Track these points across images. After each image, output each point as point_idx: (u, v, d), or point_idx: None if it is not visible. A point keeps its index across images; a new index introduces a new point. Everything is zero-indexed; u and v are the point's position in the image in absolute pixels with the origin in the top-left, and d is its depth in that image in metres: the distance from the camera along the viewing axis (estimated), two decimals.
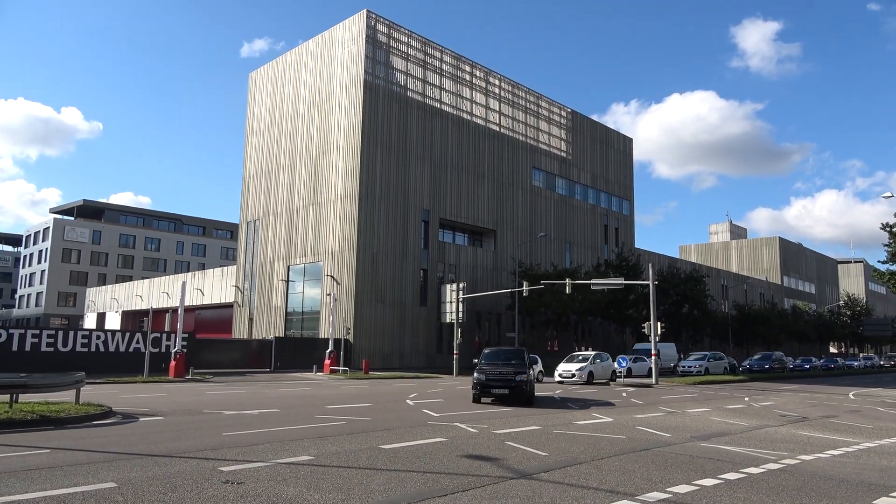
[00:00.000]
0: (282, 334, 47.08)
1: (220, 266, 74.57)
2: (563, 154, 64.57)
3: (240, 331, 52.98)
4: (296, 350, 41.52)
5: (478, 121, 55.85)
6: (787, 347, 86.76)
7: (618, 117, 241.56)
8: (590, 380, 32.24)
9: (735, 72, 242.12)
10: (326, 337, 40.82)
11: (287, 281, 49.91)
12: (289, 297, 49.87)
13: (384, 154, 47.22)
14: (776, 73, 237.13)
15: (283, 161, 52.23)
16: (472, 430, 13.85)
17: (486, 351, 22.29)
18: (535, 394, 22.41)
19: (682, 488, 8.57)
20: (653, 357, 35.16)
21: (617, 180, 71.05)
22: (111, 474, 8.69)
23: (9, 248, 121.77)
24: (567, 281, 39.88)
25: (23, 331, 30.19)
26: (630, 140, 74.15)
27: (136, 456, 10.13)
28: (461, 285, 44.46)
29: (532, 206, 59.76)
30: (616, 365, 34.28)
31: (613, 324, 61.12)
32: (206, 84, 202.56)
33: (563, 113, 65.33)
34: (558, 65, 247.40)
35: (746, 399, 25.02)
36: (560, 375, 32.47)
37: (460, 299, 43.54)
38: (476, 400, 20.36)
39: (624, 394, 26.48)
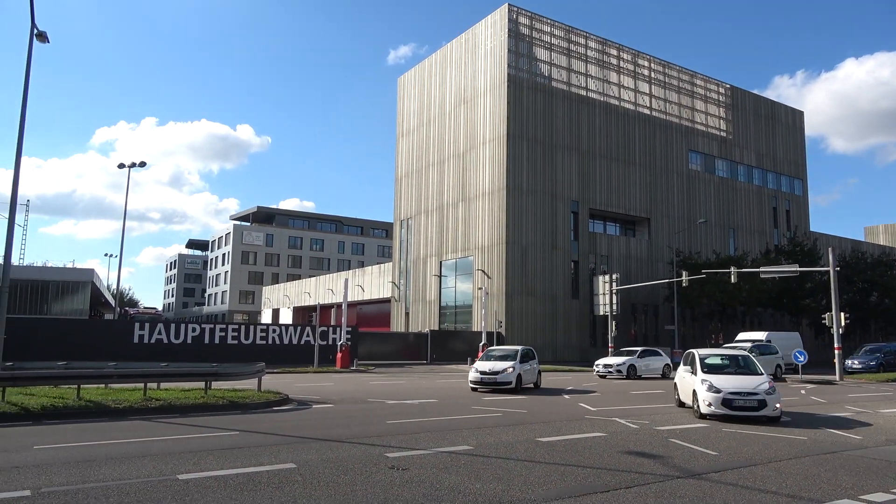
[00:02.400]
0: (436, 328, 48.51)
1: (378, 263, 78.37)
2: (723, 134, 60.24)
3: (397, 324, 55.38)
4: (450, 343, 42.62)
5: (627, 106, 53.76)
6: None
7: (782, 91, 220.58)
8: (630, 374, 29.97)
9: None
10: (479, 330, 41.47)
11: (439, 276, 51.36)
12: (442, 291, 51.29)
13: (530, 147, 46.97)
14: None
15: (433, 160, 53.76)
16: (632, 425, 13.38)
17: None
18: None
19: (879, 496, 7.65)
20: (836, 350, 31.76)
21: (786, 158, 64.96)
22: (290, 456, 9.46)
23: (198, 253, 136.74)
24: (732, 269, 37.21)
25: (212, 326, 33.79)
26: (800, 113, 67.43)
27: (311, 440, 10.90)
28: (614, 276, 43.11)
29: (689, 191, 56.43)
30: (793, 359, 31.28)
31: (787, 315, 56.05)
32: (359, 93, 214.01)
33: (721, 90, 60.91)
34: (711, 40, 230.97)
35: None
36: (602, 368, 30.87)
37: (614, 291, 42.24)
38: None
39: (802, 391, 24.19)
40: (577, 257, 48.67)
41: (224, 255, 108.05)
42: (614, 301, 42.38)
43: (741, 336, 37.04)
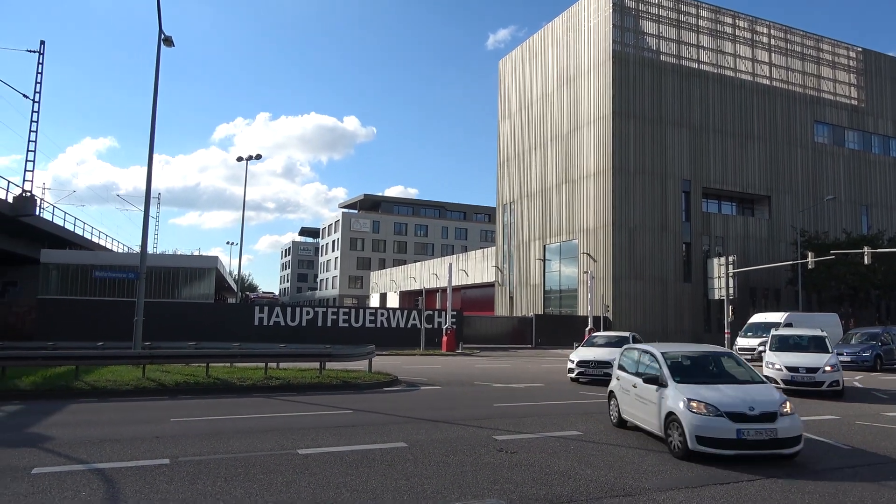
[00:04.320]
0: (541, 312, 48.01)
1: (481, 248, 78.52)
2: (854, 102, 55.14)
3: (501, 308, 55.36)
4: (555, 327, 42.01)
5: (743, 77, 50.40)
6: None
7: None
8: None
9: None
10: (585, 315, 40.68)
11: (543, 260, 50.76)
12: (546, 275, 50.68)
13: (638, 125, 45.20)
14: None
15: (535, 142, 53.02)
16: None
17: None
18: None
19: None
20: None
21: None
22: (401, 435, 9.73)
23: (310, 240, 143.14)
24: (865, 249, 34.16)
25: (324, 309, 35.28)
26: None
27: (421, 420, 11.16)
28: (730, 259, 40.81)
29: (814, 165, 52.25)
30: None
31: None
32: (459, 79, 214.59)
33: (852, 54, 55.69)
34: (838, 1, 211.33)
35: None
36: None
37: (730, 274, 40.02)
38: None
39: None
40: (689, 239, 46.46)
41: (334, 241, 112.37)
42: (731, 284, 40.15)
43: (757, 318, 32.20)
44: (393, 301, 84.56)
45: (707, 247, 47.00)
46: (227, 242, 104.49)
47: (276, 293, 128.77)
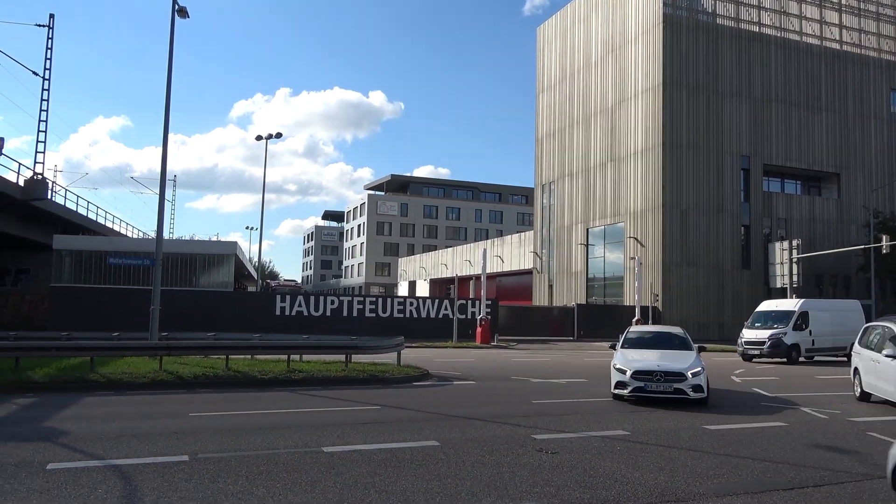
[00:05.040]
0: (583, 301, 47.67)
1: (517, 232, 78.18)
2: None
3: (540, 297, 55.20)
4: (599, 318, 41.71)
5: (811, 41, 48.95)
6: None
7: None
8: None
9: None
10: (632, 305, 40.28)
11: (586, 245, 50.34)
12: (589, 261, 50.26)
13: (691, 96, 44.30)
14: None
15: (577, 117, 52.41)
16: (819, 415, 12.43)
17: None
18: None
19: None
20: None
21: None
22: (433, 433, 9.79)
23: (334, 224, 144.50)
24: None
25: (350, 298, 35.69)
26: None
27: (454, 418, 11.22)
28: (794, 243, 39.92)
29: (890, 139, 50.60)
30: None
31: None
32: (493, 49, 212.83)
33: None
34: None
35: None
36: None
37: (794, 260, 39.16)
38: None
39: None
40: (748, 221, 45.55)
41: (359, 225, 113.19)
42: (795, 271, 39.29)
43: (766, 306, 29.93)
44: (423, 289, 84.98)
45: (768, 230, 46.02)
46: (247, 227, 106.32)
47: (299, 281, 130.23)
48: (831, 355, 27.12)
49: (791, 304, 28.79)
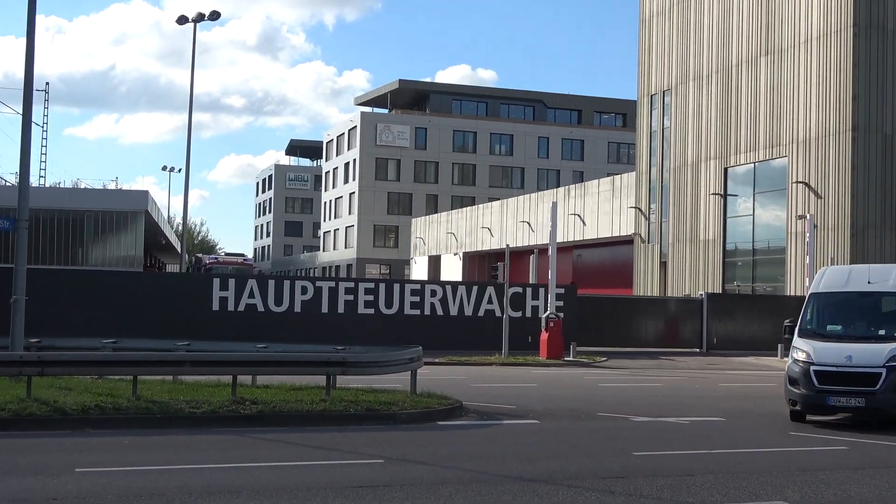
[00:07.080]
0: (718, 289, 36.93)
1: (608, 175, 58.60)
2: None
3: (645, 283, 43.16)
4: (744, 316, 32.76)
5: None
6: None
7: None
8: None
9: None
10: (799, 294, 30.14)
11: (724, 195, 38.41)
12: (727, 223, 38.30)
13: None
14: None
15: None
16: None
17: None
18: None
19: None
20: None
21: None
22: None
23: (307, 163, 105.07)
24: None
25: (332, 284, 28.36)
26: None
27: (504, 479, 8.73)
28: None
29: None
30: None
31: None
32: None
33: None
34: None
35: None
36: None
37: None
38: None
39: None
40: None
41: (346, 164, 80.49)
42: None
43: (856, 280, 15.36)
44: (452, 269, 67.22)
45: None
46: (164, 168, 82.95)
47: (249, 256, 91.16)
48: None
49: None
